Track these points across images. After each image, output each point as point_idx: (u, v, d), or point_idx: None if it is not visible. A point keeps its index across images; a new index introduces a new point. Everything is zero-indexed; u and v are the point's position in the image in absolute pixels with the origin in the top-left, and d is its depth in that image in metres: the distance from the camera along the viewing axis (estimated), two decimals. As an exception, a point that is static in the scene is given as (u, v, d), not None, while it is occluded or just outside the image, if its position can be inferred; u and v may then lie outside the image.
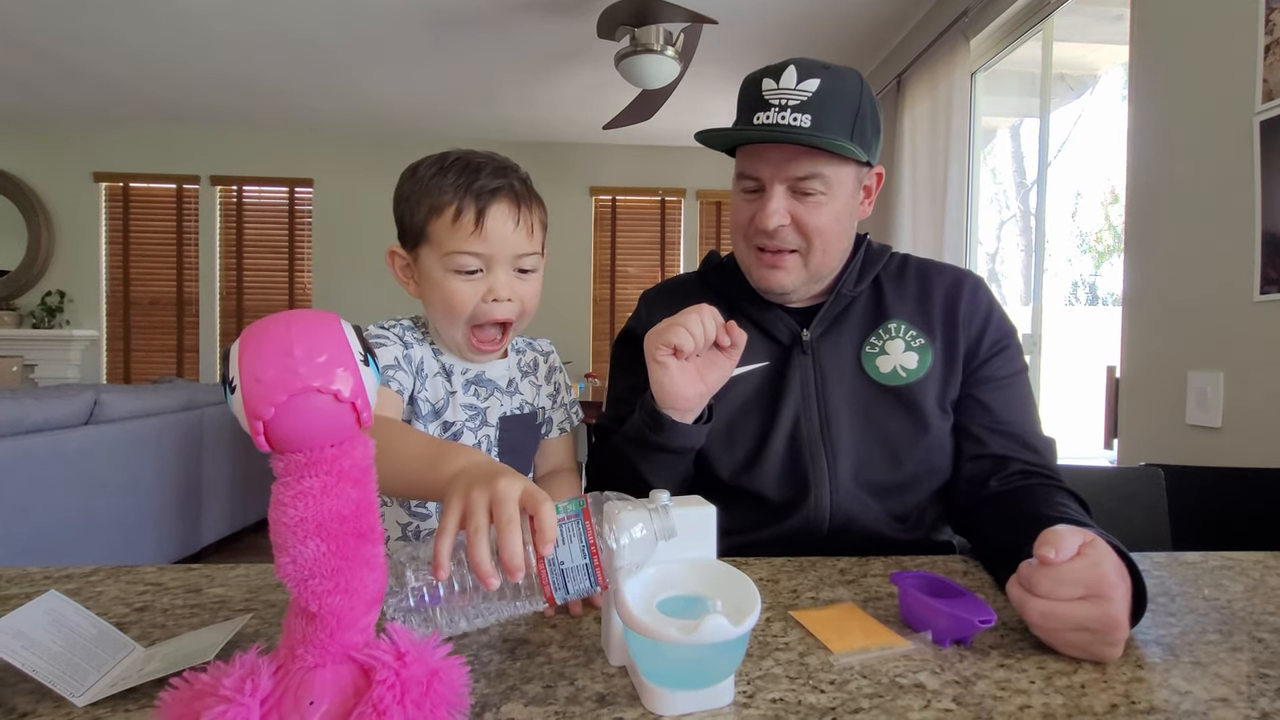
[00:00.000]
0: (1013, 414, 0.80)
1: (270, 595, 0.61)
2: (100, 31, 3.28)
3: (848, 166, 0.79)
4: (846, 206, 0.80)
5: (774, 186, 0.77)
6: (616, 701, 0.42)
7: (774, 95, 0.75)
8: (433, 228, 0.73)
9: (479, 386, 0.82)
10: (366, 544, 0.36)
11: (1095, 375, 1.91)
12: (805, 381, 0.82)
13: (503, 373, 0.84)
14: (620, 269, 5.09)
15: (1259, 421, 1.40)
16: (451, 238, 0.73)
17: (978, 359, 0.82)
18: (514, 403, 0.84)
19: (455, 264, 0.73)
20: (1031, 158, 2.97)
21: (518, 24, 3.18)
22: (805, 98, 0.74)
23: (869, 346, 0.83)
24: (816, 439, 0.80)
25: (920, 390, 0.80)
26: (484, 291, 0.74)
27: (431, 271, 0.75)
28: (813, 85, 0.75)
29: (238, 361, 0.32)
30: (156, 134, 4.71)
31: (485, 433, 0.81)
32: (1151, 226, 1.69)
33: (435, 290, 0.75)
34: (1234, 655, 0.49)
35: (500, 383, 0.84)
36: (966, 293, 0.84)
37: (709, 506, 0.49)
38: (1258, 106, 1.39)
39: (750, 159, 0.79)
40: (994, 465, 0.78)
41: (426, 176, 0.74)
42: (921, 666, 0.47)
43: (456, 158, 0.76)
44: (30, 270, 4.63)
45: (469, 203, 0.72)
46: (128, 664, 0.46)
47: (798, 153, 0.76)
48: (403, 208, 0.76)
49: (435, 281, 0.74)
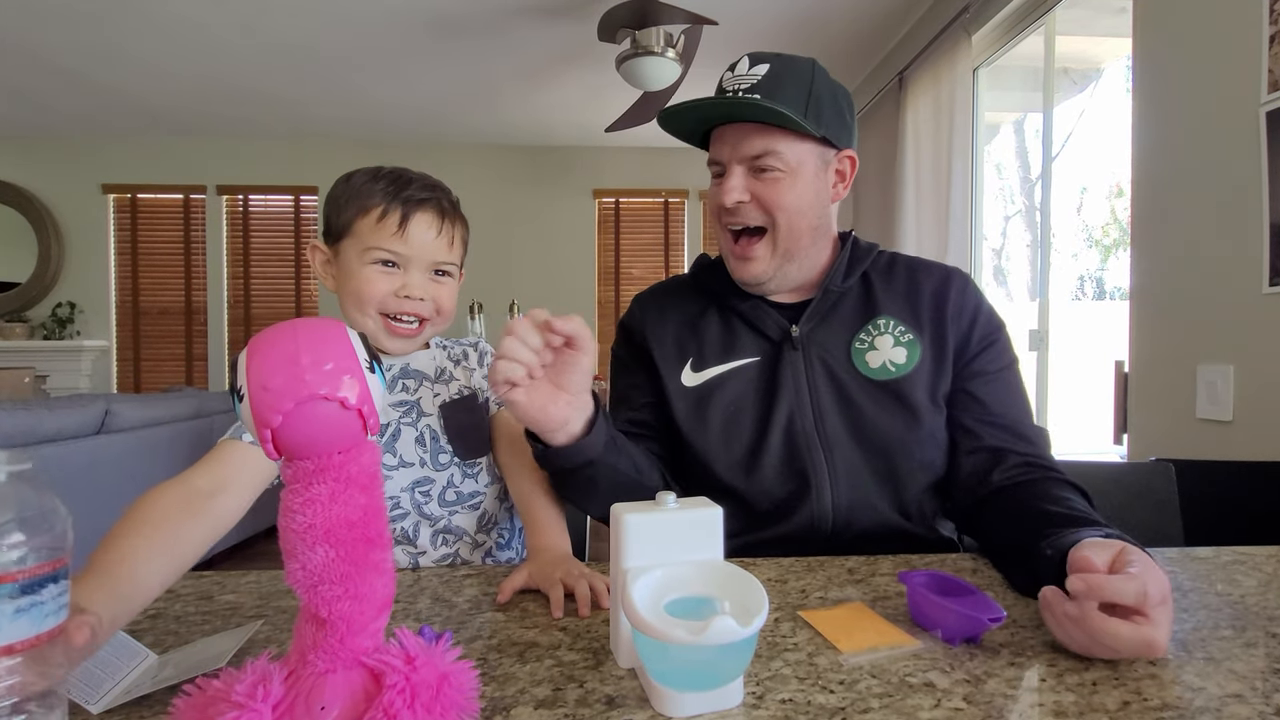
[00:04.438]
0: (1005, 406, 0.81)
1: (281, 601, 0.61)
2: (107, 44, 3.32)
3: (806, 144, 0.80)
4: (811, 186, 0.81)
5: (732, 166, 0.81)
6: (626, 704, 0.42)
7: (729, 82, 0.80)
8: (358, 224, 0.76)
9: (406, 379, 0.83)
10: (375, 549, 0.36)
11: (1104, 370, 1.90)
12: (797, 377, 0.82)
13: (429, 363, 0.85)
14: (624, 271, 5.09)
15: (1270, 414, 1.38)
16: (374, 234, 0.75)
17: (968, 353, 0.83)
18: (451, 389, 0.85)
19: (373, 257, 0.76)
20: (1036, 152, 2.95)
21: (519, 28, 3.19)
22: (755, 80, 0.78)
23: (858, 342, 0.84)
24: (812, 434, 0.80)
25: (910, 384, 0.81)
26: (397, 286, 0.76)
27: (349, 263, 0.77)
28: (762, 69, 0.79)
29: (245, 370, 0.33)
30: (163, 145, 4.75)
31: (426, 423, 0.82)
32: (1158, 219, 1.68)
33: (350, 279, 0.77)
34: (1248, 651, 0.49)
35: (429, 372, 0.85)
36: (954, 289, 0.86)
37: (716, 508, 0.49)
38: (1263, 97, 1.38)
39: (714, 144, 0.83)
40: (991, 459, 0.78)
41: (359, 182, 0.78)
42: (931, 665, 0.47)
43: (390, 170, 0.79)
44: (41, 282, 4.67)
45: (395, 206, 0.75)
46: (141, 671, 0.46)
47: (749, 130, 0.79)
48: (331, 207, 0.79)
49: (351, 271, 0.77)
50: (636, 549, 0.47)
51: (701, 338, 0.86)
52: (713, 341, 0.86)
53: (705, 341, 0.86)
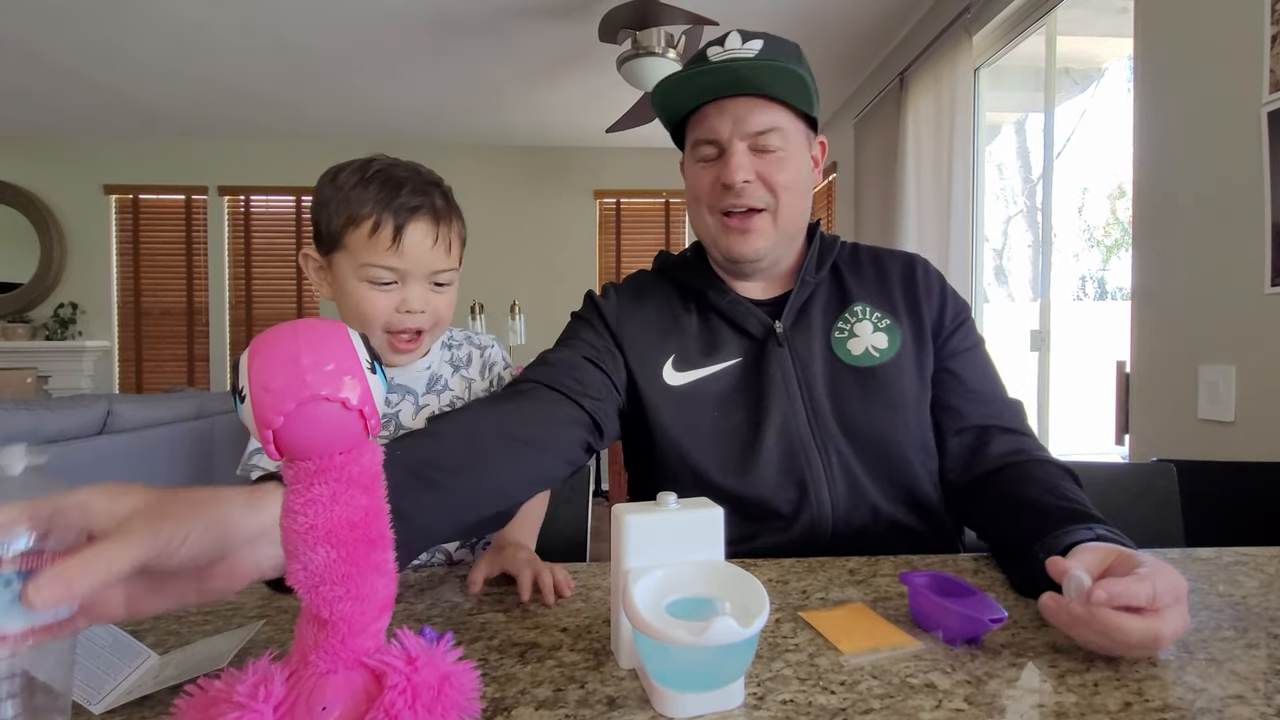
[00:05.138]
0: (982, 381, 0.83)
1: (282, 602, 0.61)
2: (108, 45, 3.32)
3: (799, 124, 0.80)
4: (804, 167, 0.82)
5: (735, 143, 0.77)
6: (627, 704, 0.42)
7: (721, 55, 0.77)
8: (350, 237, 0.74)
9: (389, 393, 0.81)
10: (376, 550, 0.36)
11: (1105, 370, 1.89)
12: (786, 374, 0.81)
13: (419, 374, 0.84)
14: (625, 271, 5.07)
15: (1272, 415, 1.38)
16: (367, 250, 0.73)
17: (944, 332, 0.84)
18: (441, 400, 0.83)
19: (369, 275, 0.74)
20: (1037, 153, 2.95)
21: (519, 29, 3.19)
22: (752, 54, 0.76)
23: (837, 331, 0.83)
24: (807, 435, 0.79)
25: (897, 369, 0.81)
26: (398, 302, 0.75)
27: (346, 280, 0.75)
28: (757, 45, 0.77)
29: (247, 371, 0.33)
30: (164, 146, 4.75)
31: None
32: (1159, 220, 1.68)
33: (349, 297, 0.76)
34: (1249, 652, 0.49)
35: (415, 386, 0.83)
36: (920, 271, 0.87)
37: (717, 508, 0.49)
38: (1265, 97, 1.38)
39: (707, 120, 0.78)
40: (977, 438, 0.79)
41: (347, 185, 0.74)
42: (932, 666, 0.47)
43: (379, 169, 0.75)
44: (43, 283, 4.68)
45: (388, 218, 0.72)
46: (143, 672, 0.46)
47: (755, 105, 0.76)
48: (320, 213, 0.76)
49: (349, 290, 0.75)
50: (637, 549, 0.47)
51: (683, 335, 0.83)
52: (694, 340, 0.83)
53: (686, 339, 0.83)
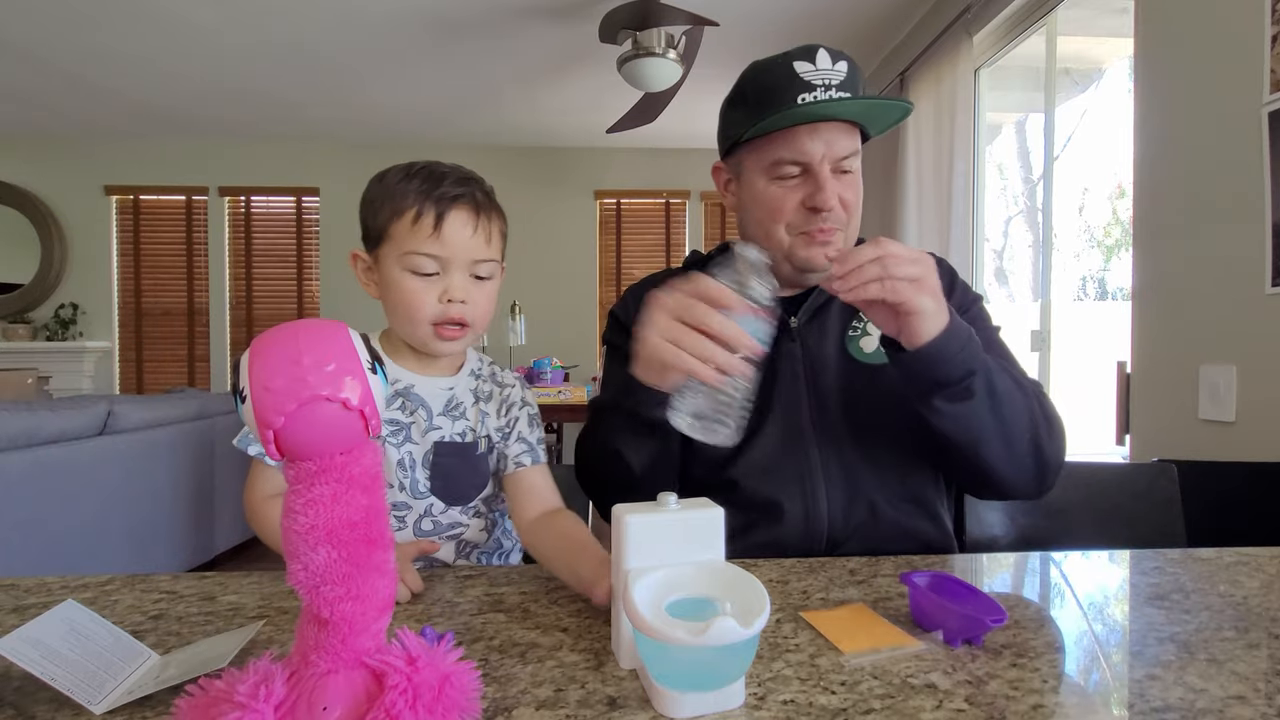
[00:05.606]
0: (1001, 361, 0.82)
1: (283, 602, 0.61)
2: (109, 47, 3.33)
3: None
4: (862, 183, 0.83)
5: (824, 167, 0.78)
6: (627, 705, 0.42)
7: (814, 76, 0.76)
8: (393, 229, 0.75)
9: (405, 399, 0.79)
10: (377, 550, 0.36)
11: (1106, 371, 1.89)
12: (794, 370, 0.82)
13: (440, 393, 0.81)
14: (626, 272, 5.09)
15: (1273, 415, 1.38)
16: (410, 238, 0.74)
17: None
18: (455, 428, 0.80)
19: (411, 264, 0.74)
20: (1037, 153, 2.95)
21: (520, 30, 3.19)
22: (842, 77, 0.77)
23: (852, 330, 0.84)
24: (808, 428, 0.79)
25: None
26: (439, 292, 0.75)
27: (389, 271, 0.76)
28: (844, 67, 0.77)
29: (247, 371, 0.33)
30: (165, 146, 4.76)
31: (409, 449, 0.78)
32: (1160, 220, 1.68)
33: (393, 290, 0.76)
34: (1250, 652, 0.49)
35: (434, 403, 0.80)
36: None
37: (717, 508, 0.49)
38: (1265, 98, 1.37)
39: (797, 142, 0.77)
40: None
41: (392, 182, 0.76)
42: (933, 666, 0.47)
43: (422, 167, 0.77)
44: (44, 283, 4.68)
45: (429, 206, 0.74)
46: (144, 671, 0.46)
47: (842, 130, 0.78)
48: (367, 211, 0.78)
49: (392, 281, 0.76)
50: (638, 550, 0.47)
51: None
52: None
53: None
